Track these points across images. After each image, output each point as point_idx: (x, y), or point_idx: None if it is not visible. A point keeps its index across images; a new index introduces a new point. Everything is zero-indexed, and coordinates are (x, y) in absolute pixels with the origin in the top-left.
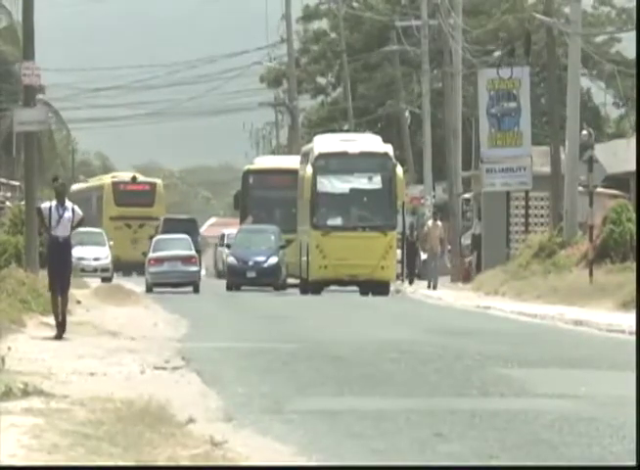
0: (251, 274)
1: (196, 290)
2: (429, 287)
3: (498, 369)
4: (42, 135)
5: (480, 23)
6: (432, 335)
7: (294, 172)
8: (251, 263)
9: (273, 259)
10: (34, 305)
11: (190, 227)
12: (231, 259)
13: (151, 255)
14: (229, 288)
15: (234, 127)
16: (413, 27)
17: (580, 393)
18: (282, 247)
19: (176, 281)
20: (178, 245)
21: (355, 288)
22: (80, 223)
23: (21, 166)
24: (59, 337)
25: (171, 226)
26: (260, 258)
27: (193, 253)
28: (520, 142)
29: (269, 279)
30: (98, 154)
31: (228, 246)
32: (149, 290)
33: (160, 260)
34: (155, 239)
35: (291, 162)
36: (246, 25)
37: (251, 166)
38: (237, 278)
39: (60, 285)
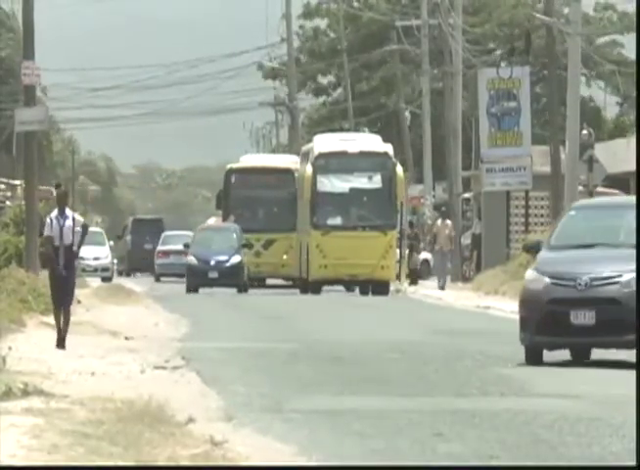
0: (213, 275)
1: None
2: (440, 288)
3: (498, 369)
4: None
5: (482, 21)
6: (432, 335)
7: (277, 171)
8: (212, 263)
9: (236, 259)
10: (34, 304)
11: (157, 226)
12: (191, 259)
13: (159, 248)
14: (189, 290)
15: (234, 127)
16: (413, 27)
17: (580, 392)
18: (244, 245)
19: (180, 272)
20: (183, 240)
21: (352, 288)
22: (85, 231)
23: (21, 166)
24: (59, 345)
25: (139, 226)
26: (222, 258)
27: None
28: (520, 142)
29: (232, 279)
30: (102, 156)
31: (187, 245)
32: (157, 279)
33: (166, 253)
34: (163, 235)
35: (275, 161)
36: (246, 25)
37: (234, 165)
38: (198, 279)
39: (62, 297)
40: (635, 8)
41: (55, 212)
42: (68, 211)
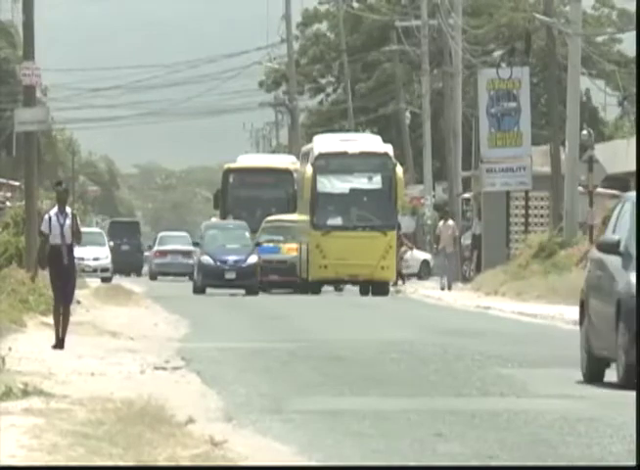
0: (231, 275)
1: (191, 278)
2: (442, 288)
3: (498, 369)
4: (42, 135)
5: (482, 24)
6: (432, 335)
7: (275, 171)
8: (230, 263)
9: (252, 259)
10: (34, 304)
11: (133, 229)
12: (206, 259)
13: (156, 248)
14: (200, 290)
15: (234, 127)
16: (413, 27)
17: (580, 393)
18: (257, 244)
19: (176, 271)
20: (179, 241)
21: (354, 287)
22: (79, 232)
23: (21, 166)
24: (55, 347)
25: (116, 228)
26: (239, 257)
27: (191, 248)
28: (520, 142)
29: (248, 281)
30: (103, 157)
31: (196, 243)
32: (153, 278)
33: (164, 253)
34: (159, 235)
35: (273, 160)
36: (246, 26)
37: (232, 165)
38: (213, 280)
39: (62, 297)
40: (635, 6)
41: (55, 210)
42: (68, 210)
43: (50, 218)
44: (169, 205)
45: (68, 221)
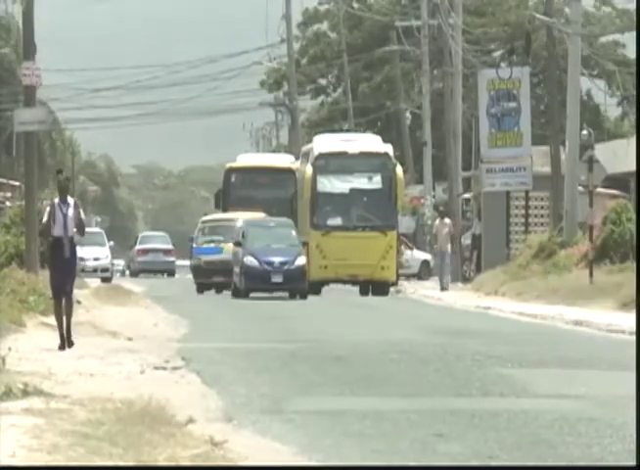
0: (278, 279)
1: (171, 275)
2: (442, 289)
3: (498, 369)
4: (43, 135)
5: (484, 22)
6: (432, 335)
7: (277, 171)
8: (276, 265)
9: (301, 260)
10: (34, 304)
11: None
12: (250, 260)
13: (138, 247)
14: (243, 294)
15: (234, 127)
16: (413, 27)
17: (580, 393)
18: (304, 244)
19: (157, 268)
20: (159, 240)
21: (354, 287)
22: (82, 223)
23: (21, 166)
24: (62, 348)
25: None
26: (286, 259)
27: (171, 246)
28: (520, 142)
29: (296, 284)
30: (103, 156)
31: (239, 243)
32: (135, 275)
33: (145, 252)
34: (140, 235)
35: (274, 160)
36: (246, 26)
37: (234, 164)
38: (258, 283)
39: (64, 289)
40: (635, 6)
41: (57, 199)
42: (70, 200)
43: (53, 208)
44: (169, 204)
45: (71, 211)
